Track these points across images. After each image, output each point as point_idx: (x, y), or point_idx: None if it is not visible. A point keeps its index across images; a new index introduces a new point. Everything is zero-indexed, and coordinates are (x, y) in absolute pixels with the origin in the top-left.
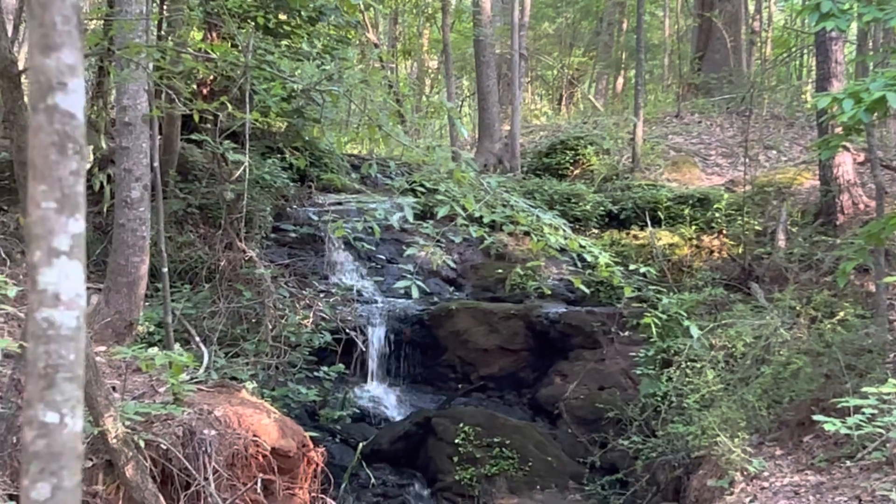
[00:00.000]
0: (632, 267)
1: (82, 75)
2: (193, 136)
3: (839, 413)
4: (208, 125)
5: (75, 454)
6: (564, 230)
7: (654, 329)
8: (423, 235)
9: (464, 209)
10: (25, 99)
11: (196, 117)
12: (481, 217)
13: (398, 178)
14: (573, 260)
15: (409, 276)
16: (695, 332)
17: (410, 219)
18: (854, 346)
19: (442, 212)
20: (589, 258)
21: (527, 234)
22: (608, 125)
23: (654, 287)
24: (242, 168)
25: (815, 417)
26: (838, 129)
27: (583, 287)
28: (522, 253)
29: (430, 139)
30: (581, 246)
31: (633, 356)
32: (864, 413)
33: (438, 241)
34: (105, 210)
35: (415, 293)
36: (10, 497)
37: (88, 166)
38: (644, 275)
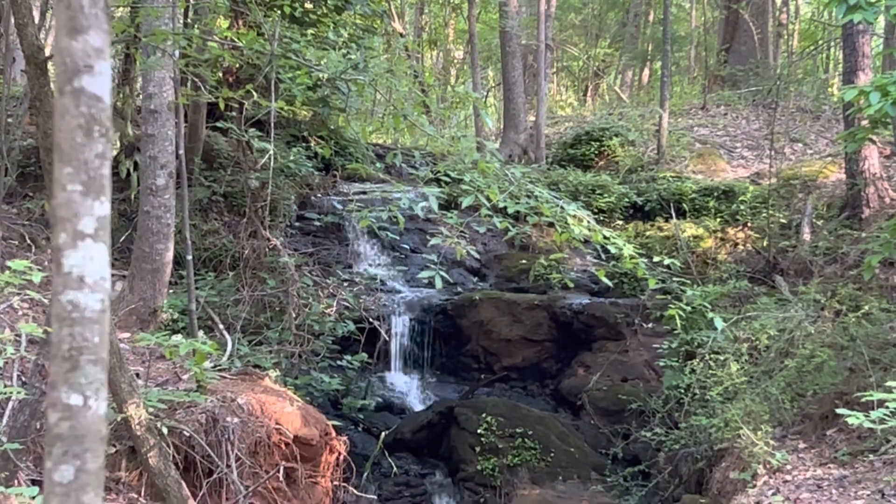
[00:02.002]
0: (656, 259)
1: (109, 58)
2: (219, 125)
3: (863, 407)
4: (233, 113)
5: (99, 436)
6: (588, 221)
7: (678, 321)
8: (448, 225)
9: (488, 199)
10: (52, 85)
11: (221, 105)
12: (505, 208)
13: (423, 168)
14: (597, 251)
15: (432, 265)
16: (719, 324)
17: (435, 208)
18: (879, 340)
19: (466, 202)
20: (613, 249)
21: (551, 225)
22: (634, 117)
23: (678, 279)
24: (267, 156)
25: (839, 411)
26: (865, 122)
27: (605, 280)
28: (546, 244)
29: (455, 129)
30: (605, 237)
31: (656, 348)
32: (887, 407)
33: (462, 231)
34: (132, 197)
35: (438, 283)
36: (34, 482)
37: (115, 153)
38: (668, 266)
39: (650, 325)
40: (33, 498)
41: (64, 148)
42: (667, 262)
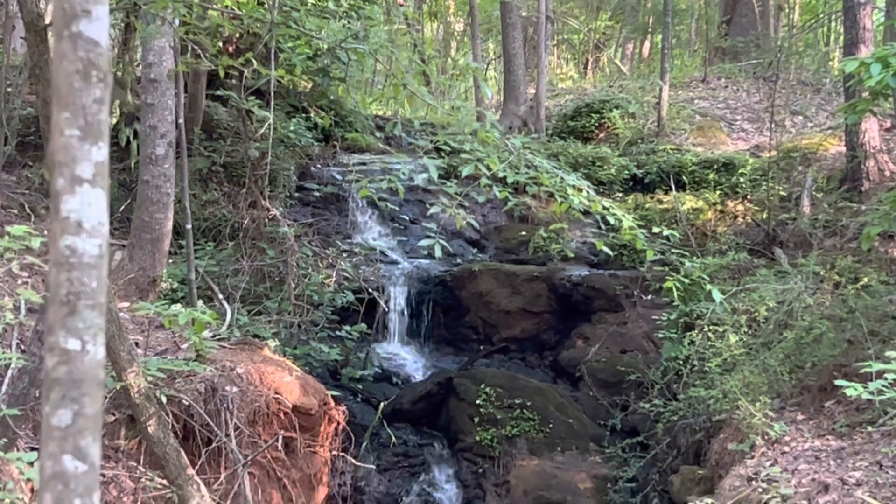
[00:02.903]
0: (655, 230)
1: (107, 3)
2: (219, 93)
3: (861, 379)
4: (233, 81)
5: (97, 381)
6: (588, 192)
7: (675, 292)
8: (447, 195)
9: (488, 169)
10: (51, 52)
11: (221, 73)
12: (505, 178)
13: (422, 138)
14: (597, 222)
15: (432, 234)
16: (717, 296)
17: (435, 177)
18: (877, 312)
19: (466, 171)
20: (612, 220)
21: (550, 196)
22: (634, 89)
23: (677, 251)
24: (267, 125)
25: (837, 382)
26: (865, 94)
27: (606, 249)
28: (546, 215)
29: (456, 100)
30: (604, 208)
31: (655, 319)
32: (886, 378)
33: (461, 202)
34: (133, 166)
35: (438, 252)
36: (33, 450)
37: (114, 121)
38: (667, 238)
39: (649, 296)
40: (32, 463)
41: (62, 93)
42: (666, 233)
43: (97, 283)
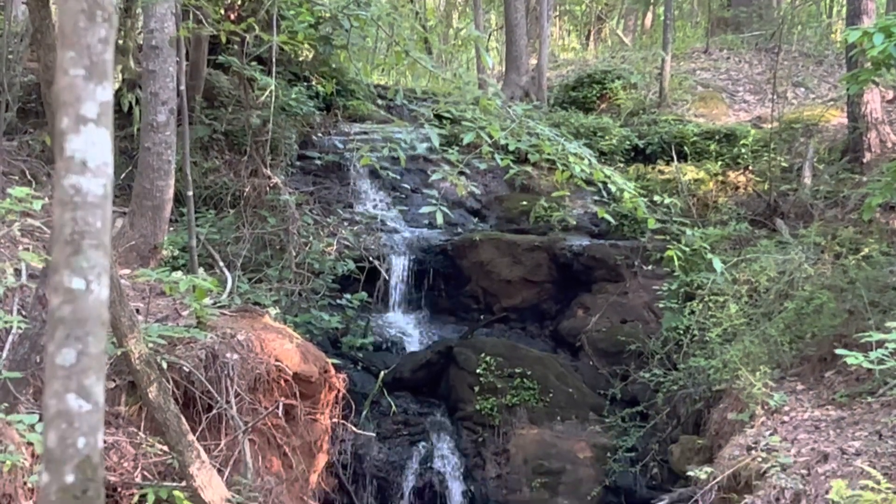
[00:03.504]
0: (656, 199)
1: None
2: (220, 60)
3: (862, 349)
4: (235, 47)
5: (100, 321)
6: (590, 160)
7: (676, 261)
8: (449, 163)
9: (490, 137)
10: (53, 18)
11: (223, 38)
12: (507, 146)
13: (424, 107)
14: (598, 191)
15: (434, 202)
16: (718, 265)
17: (437, 144)
18: (878, 283)
19: (468, 138)
20: (613, 189)
21: (552, 166)
22: (636, 60)
23: (678, 220)
24: (268, 92)
25: (838, 351)
26: (867, 65)
27: (608, 217)
28: (548, 184)
29: (458, 69)
30: (606, 176)
31: (655, 290)
32: (886, 347)
33: (462, 171)
34: (136, 132)
35: (439, 220)
36: (33, 427)
37: (117, 86)
38: (668, 207)
39: (650, 267)
40: (33, 425)
41: (66, 32)
42: (667, 202)
43: (101, 223)
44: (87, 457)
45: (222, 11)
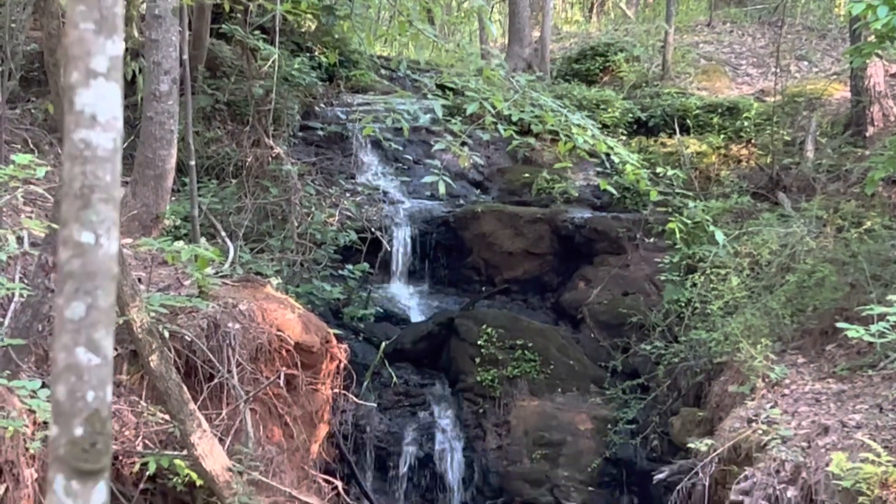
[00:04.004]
0: (659, 170)
1: None
2: (223, 28)
3: (863, 323)
4: (238, 16)
5: (110, 275)
6: (593, 131)
7: (677, 234)
8: (452, 134)
9: (493, 107)
10: None
11: (227, 7)
12: (510, 118)
13: (427, 76)
14: (601, 163)
15: (436, 172)
16: (720, 237)
17: (440, 114)
18: (880, 257)
19: (471, 108)
20: (616, 160)
21: (555, 138)
22: (639, 33)
23: (680, 193)
24: (271, 61)
25: (839, 325)
26: (871, 37)
27: (610, 188)
28: (550, 156)
29: (461, 40)
30: (609, 147)
31: (657, 262)
32: (888, 320)
33: (465, 142)
34: (137, 102)
35: (442, 189)
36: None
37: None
38: (671, 179)
39: (652, 239)
40: (35, 391)
41: None
42: (669, 173)
43: (111, 177)
44: (96, 410)
45: None
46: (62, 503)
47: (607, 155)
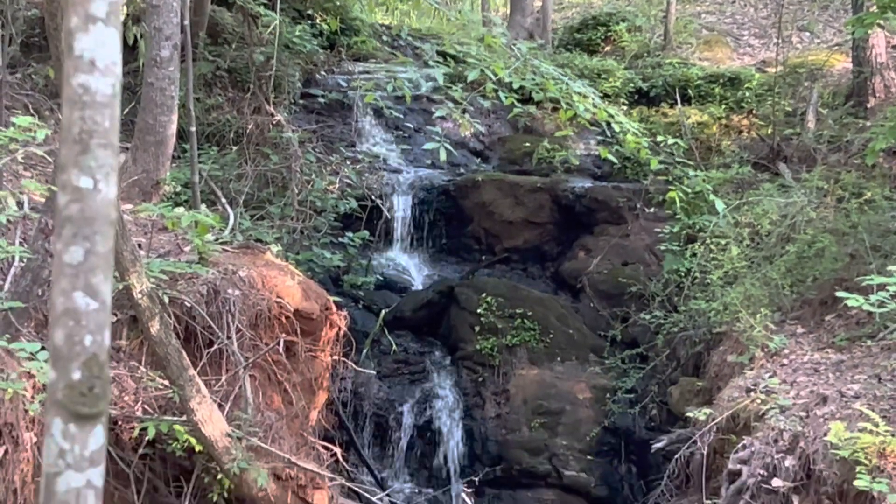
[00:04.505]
0: (659, 139)
1: None
2: None
3: (862, 293)
4: None
5: (108, 220)
6: (594, 99)
7: (678, 203)
8: (453, 101)
9: (494, 74)
10: None
11: None
12: (511, 87)
13: (428, 44)
14: (602, 131)
15: (437, 138)
16: (719, 206)
17: (441, 81)
18: (880, 228)
19: (472, 75)
20: (617, 128)
21: (556, 107)
22: (641, 3)
23: (680, 162)
24: (273, 28)
25: (839, 294)
26: (873, 8)
27: (611, 157)
28: (551, 125)
29: (463, 8)
30: (610, 115)
31: (657, 232)
32: (887, 290)
33: (465, 110)
34: (140, 67)
35: (443, 156)
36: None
37: (122, 18)
38: (671, 149)
39: (652, 209)
40: (35, 353)
41: None
42: (670, 142)
43: (110, 122)
44: (94, 354)
45: None
46: (60, 447)
47: (608, 124)
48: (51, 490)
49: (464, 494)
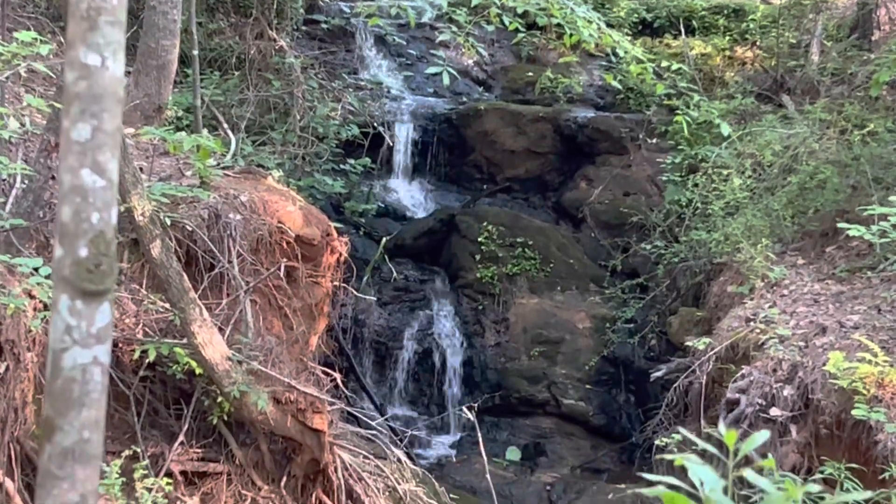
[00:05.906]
0: (664, 64)
1: None
2: None
3: (864, 225)
4: None
5: (116, 98)
6: (598, 24)
7: (685, 127)
8: (457, 25)
9: None
10: None
11: None
12: (515, 12)
13: None
14: (606, 57)
15: (440, 62)
16: (725, 129)
17: (444, 5)
18: (883, 160)
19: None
20: (621, 53)
21: (560, 32)
22: None
23: (685, 87)
24: None
25: (840, 225)
26: None
27: (615, 83)
28: (555, 55)
29: None
30: (615, 41)
31: (659, 163)
32: (889, 221)
33: (471, 31)
34: None
35: (446, 80)
36: (36, 270)
37: None
38: (675, 73)
39: (654, 140)
40: (36, 269)
41: None
42: (674, 66)
43: (117, 0)
44: (101, 232)
45: None
46: (66, 323)
47: (612, 50)
48: (57, 366)
49: (465, 409)
